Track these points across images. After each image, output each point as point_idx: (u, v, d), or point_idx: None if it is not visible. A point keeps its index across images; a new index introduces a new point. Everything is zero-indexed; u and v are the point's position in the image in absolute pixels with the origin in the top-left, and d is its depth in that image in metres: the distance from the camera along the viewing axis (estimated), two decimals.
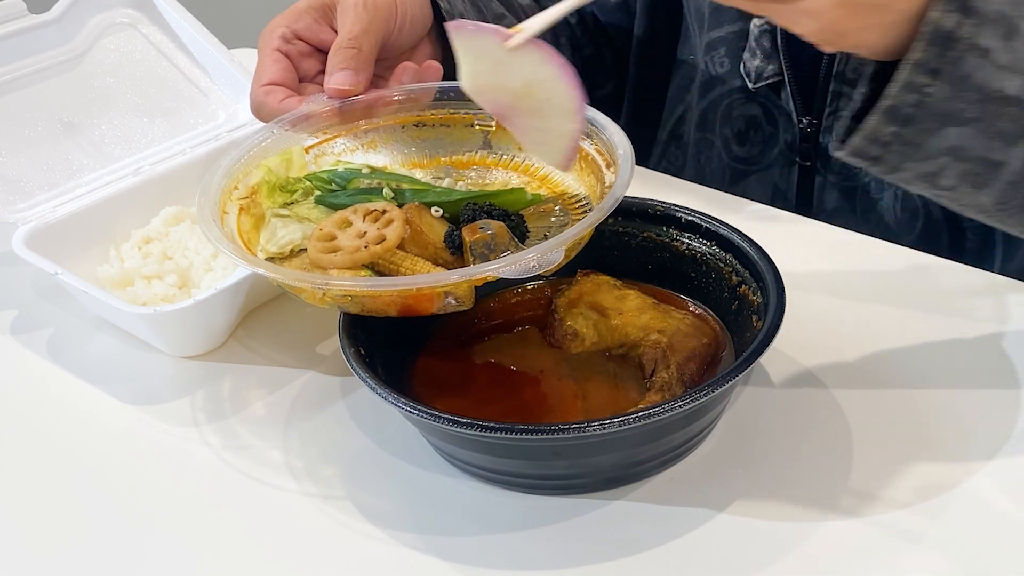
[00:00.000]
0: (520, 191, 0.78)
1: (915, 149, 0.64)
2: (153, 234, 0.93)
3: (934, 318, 0.82)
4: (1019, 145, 0.63)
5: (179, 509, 0.73)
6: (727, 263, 0.78)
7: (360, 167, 0.82)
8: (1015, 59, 0.62)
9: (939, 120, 0.63)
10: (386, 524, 0.70)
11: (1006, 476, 0.69)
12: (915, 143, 0.64)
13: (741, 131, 1.06)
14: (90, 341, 0.90)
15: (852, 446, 0.72)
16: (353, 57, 0.85)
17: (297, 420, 0.79)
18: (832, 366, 0.78)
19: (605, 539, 0.68)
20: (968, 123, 0.62)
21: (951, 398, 0.75)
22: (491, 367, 0.79)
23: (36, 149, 0.97)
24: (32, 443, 0.80)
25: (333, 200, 0.78)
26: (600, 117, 0.78)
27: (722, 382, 0.65)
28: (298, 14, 0.89)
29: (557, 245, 0.67)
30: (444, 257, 0.74)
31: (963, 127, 0.63)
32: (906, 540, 0.66)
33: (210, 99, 1.05)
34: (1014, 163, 0.63)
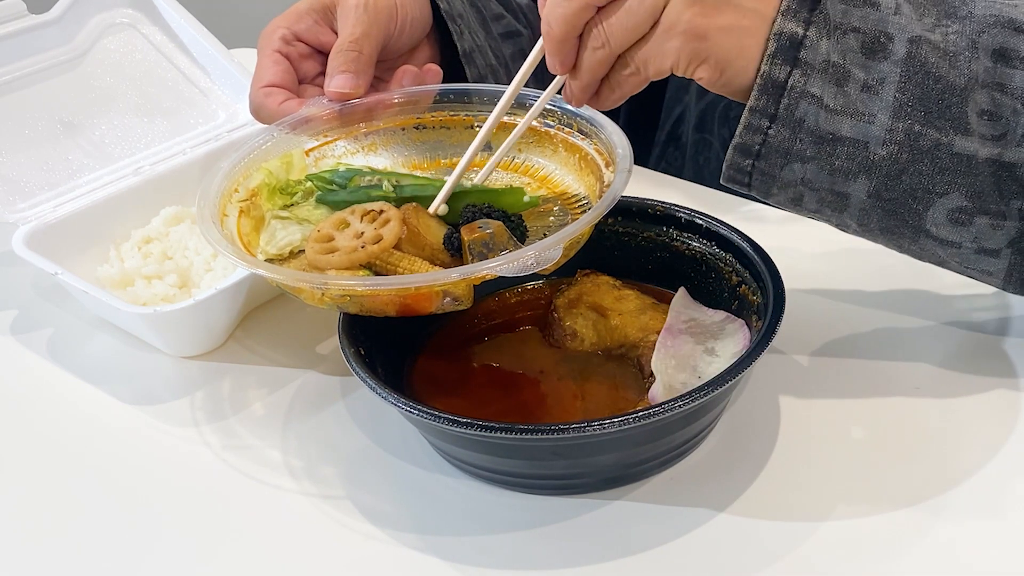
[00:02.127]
0: (519, 191, 0.78)
1: (772, 179, 0.69)
2: (153, 234, 0.93)
3: (934, 318, 0.82)
4: (858, 179, 0.68)
5: (179, 509, 0.73)
6: (727, 263, 0.78)
7: (360, 168, 0.82)
8: (847, 103, 0.67)
9: (784, 157, 0.68)
10: (386, 524, 0.70)
11: (1006, 476, 0.69)
12: (770, 174, 0.69)
13: None
14: (90, 341, 0.90)
15: (852, 446, 0.72)
16: (354, 60, 0.85)
17: (297, 420, 0.79)
18: (832, 366, 0.78)
19: (605, 539, 0.67)
20: (809, 160, 0.68)
21: (951, 398, 0.75)
22: (491, 367, 0.79)
23: (36, 149, 0.97)
24: (32, 443, 0.80)
25: (334, 199, 0.78)
26: (599, 117, 0.78)
27: (722, 382, 0.65)
28: (298, 15, 0.89)
29: (555, 243, 0.67)
30: (442, 257, 0.74)
31: (806, 163, 0.68)
32: (906, 540, 0.66)
33: (210, 99, 1.05)
34: (858, 195, 0.69)
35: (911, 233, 0.70)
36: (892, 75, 0.66)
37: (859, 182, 0.68)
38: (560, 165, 0.82)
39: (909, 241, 0.71)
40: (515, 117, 0.83)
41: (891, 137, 0.67)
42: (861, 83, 0.67)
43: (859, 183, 0.68)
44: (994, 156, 0.67)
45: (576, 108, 0.76)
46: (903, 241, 0.71)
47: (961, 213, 0.68)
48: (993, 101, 0.67)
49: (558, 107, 0.81)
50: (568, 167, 0.82)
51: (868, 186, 0.68)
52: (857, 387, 0.77)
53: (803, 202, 0.70)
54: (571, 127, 0.81)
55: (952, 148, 0.67)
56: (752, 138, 0.68)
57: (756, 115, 0.67)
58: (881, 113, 0.67)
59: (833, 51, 0.66)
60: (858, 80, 0.67)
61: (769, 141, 0.68)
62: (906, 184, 0.68)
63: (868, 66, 0.67)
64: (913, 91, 0.66)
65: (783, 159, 0.68)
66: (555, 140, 0.82)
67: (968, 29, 0.67)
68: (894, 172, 0.68)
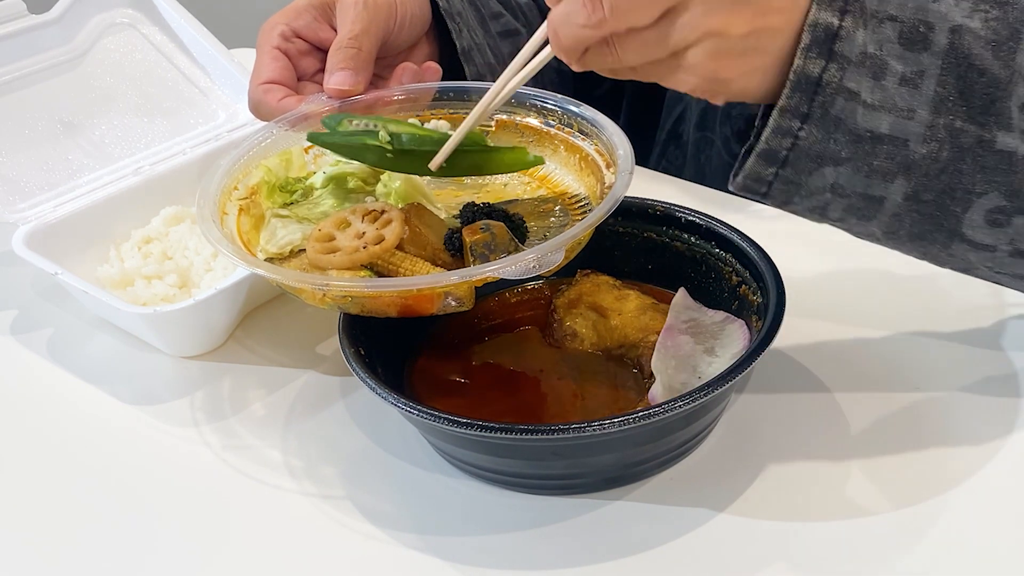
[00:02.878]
0: (522, 150, 0.77)
1: (796, 187, 0.65)
2: (153, 234, 0.93)
3: (933, 318, 0.82)
4: (897, 180, 0.64)
5: (179, 509, 0.73)
6: (727, 263, 0.78)
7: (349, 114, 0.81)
8: (885, 98, 0.62)
9: (814, 161, 0.64)
10: (386, 524, 0.70)
11: (1006, 476, 0.69)
12: (795, 182, 0.65)
13: (741, 130, 1.06)
14: (90, 341, 0.90)
15: (852, 446, 0.72)
16: (353, 57, 0.85)
17: (297, 420, 0.79)
18: (832, 366, 0.78)
19: (605, 539, 0.67)
20: (844, 163, 0.63)
21: (951, 398, 0.75)
22: (491, 367, 0.79)
23: (36, 149, 0.97)
24: (32, 443, 0.80)
25: (326, 139, 0.77)
26: (600, 117, 0.78)
27: (722, 382, 0.65)
28: (297, 12, 0.89)
29: (557, 246, 0.67)
30: (443, 258, 0.74)
31: (839, 166, 0.64)
32: (906, 540, 0.66)
33: (210, 99, 1.05)
34: (894, 197, 0.64)
35: (944, 238, 0.66)
36: (932, 67, 0.62)
37: (897, 184, 0.64)
38: (560, 165, 0.82)
39: (940, 247, 0.67)
40: (513, 115, 0.84)
41: (932, 134, 0.63)
42: (899, 76, 0.62)
43: (896, 185, 0.64)
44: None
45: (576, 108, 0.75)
46: (932, 248, 0.67)
47: (1000, 214, 0.64)
48: None
49: (559, 107, 0.81)
50: (568, 167, 0.82)
51: (906, 188, 0.64)
52: (857, 387, 0.77)
53: (827, 211, 0.66)
54: (571, 127, 0.81)
55: (994, 145, 0.63)
56: (780, 142, 0.63)
57: (786, 116, 0.63)
58: (921, 108, 0.62)
59: (870, 42, 0.62)
60: (896, 73, 0.62)
61: (799, 144, 0.63)
62: (945, 184, 0.64)
63: (907, 57, 0.62)
64: (954, 84, 0.62)
65: (814, 163, 0.64)
66: (555, 140, 0.82)
67: (1010, 16, 0.63)
68: (933, 171, 0.63)
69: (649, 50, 0.62)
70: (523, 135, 0.83)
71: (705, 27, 0.60)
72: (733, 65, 0.62)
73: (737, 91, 0.64)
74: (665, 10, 0.60)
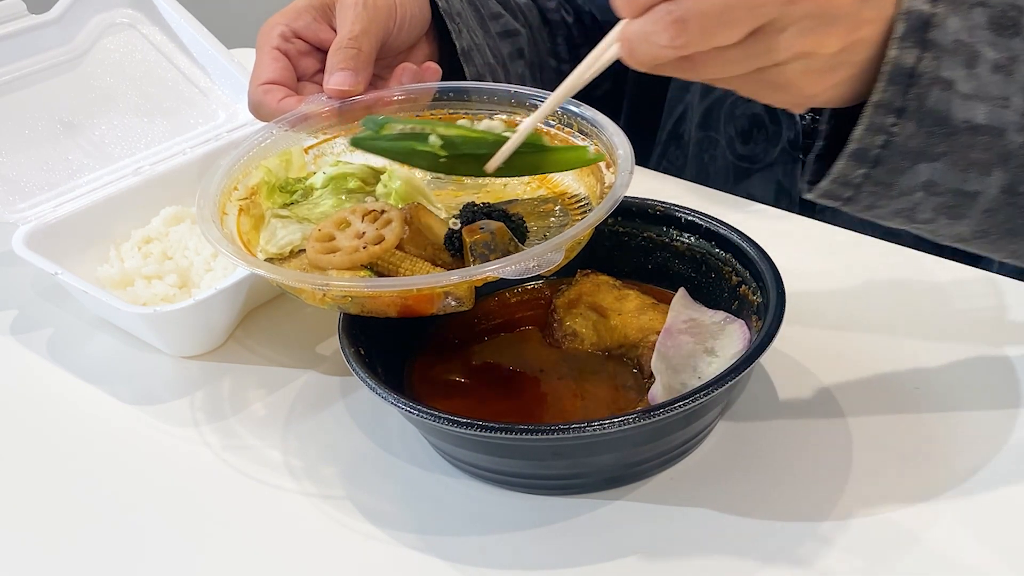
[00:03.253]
0: (581, 148, 0.75)
1: (887, 188, 0.63)
2: (153, 234, 0.93)
3: (934, 318, 0.82)
4: (994, 173, 0.62)
5: (179, 509, 0.73)
6: (727, 263, 0.78)
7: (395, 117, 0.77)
8: (979, 86, 0.60)
9: (909, 158, 0.61)
10: (386, 524, 0.70)
11: (1006, 476, 0.69)
12: (886, 182, 0.63)
13: (744, 129, 1.06)
14: (90, 341, 0.90)
15: (852, 446, 0.72)
16: (353, 57, 0.85)
17: (297, 420, 0.79)
18: (832, 366, 0.78)
19: (605, 539, 0.67)
20: (939, 158, 0.61)
21: (951, 398, 0.75)
22: (491, 367, 0.79)
23: (36, 149, 0.97)
24: (31, 443, 0.80)
25: (372, 143, 0.74)
26: (600, 117, 0.78)
27: (722, 382, 0.65)
28: (297, 12, 0.89)
29: (557, 246, 0.67)
30: (443, 258, 0.74)
31: (934, 162, 0.61)
32: (906, 540, 0.66)
33: (210, 99, 1.05)
34: (990, 191, 0.63)
35: None
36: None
37: (993, 176, 0.61)
38: None
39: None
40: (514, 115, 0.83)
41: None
42: (992, 63, 0.60)
43: (993, 178, 0.61)
44: None
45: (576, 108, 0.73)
46: None
47: None
48: None
49: (559, 107, 0.81)
50: None
51: (1003, 180, 0.61)
52: (857, 387, 0.77)
53: (915, 213, 0.64)
54: (571, 127, 0.81)
55: None
56: (872, 140, 0.60)
57: (880, 111, 0.60)
58: (1016, 96, 0.60)
59: (962, 29, 0.60)
60: (988, 60, 0.60)
61: (893, 141, 0.60)
62: None
63: (998, 43, 0.60)
64: None
65: (908, 161, 0.61)
66: (555, 140, 0.82)
67: None
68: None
69: (732, 67, 0.59)
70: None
71: (797, 48, 0.58)
72: (821, 81, 0.60)
73: (820, 103, 0.62)
74: (753, 29, 0.57)
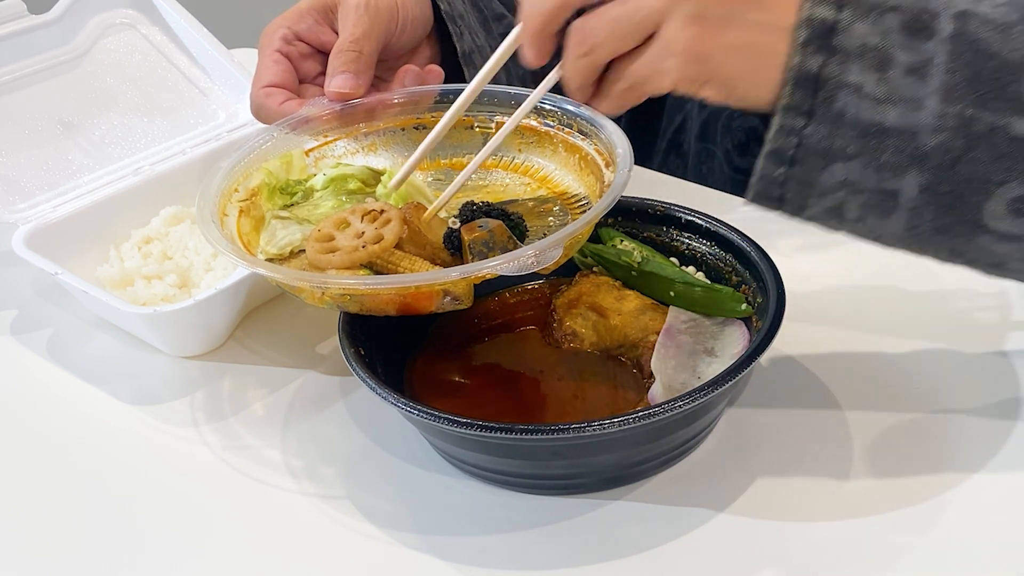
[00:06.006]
0: (738, 297, 0.77)
1: (809, 187, 0.64)
2: (153, 234, 0.93)
3: (934, 318, 0.82)
4: (909, 173, 0.62)
5: (178, 509, 0.73)
6: (727, 263, 0.78)
7: None
8: (891, 90, 0.61)
9: (823, 158, 0.62)
10: (386, 524, 0.70)
11: (1006, 476, 0.69)
12: (807, 181, 0.63)
13: (742, 142, 1.06)
14: (90, 341, 0.90)
15: (852, 446, 0.72)
16: (354, 60, 0.85)
17: (296, 420, 0.79)
18: (832, 366, 0.78)
19: (605, 539, 0.67)
20: (853, 158, 0.62)
21: (951, 398, 0.75)
22: (491, 367, 0.79)
23: (36, 149, 0.97)
24: (31, 443, 0.80)
25: None
26: (599, 117, 0.78)
27: (722, 382, 0.65)
28: (299, 15, 0.89)
29: (556, 242, 0.67)
30: (443, 257, 0.74)
31: (848, 162, 0.62)
32: (906, 540, 0.66)
33: (210, 99, 1.05)
34: (909, 190, 0.63)
35: (967, 230, 0.64)
36: (939, 55, 0.61)
37: (910, 176, 0.62)
38: (560, 165, 0.82)
39: (964, 240, 0.65)
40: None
41: (942, 124, 0.61)
42: (905, 66, 0.61)
43: (910, 177, 0.63)
44: None
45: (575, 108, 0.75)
46: (957, 241, 0.65)
47: (1022, 203, 0.62)
48: None
49: (558, 107, 0.81)
50: (568, 167, 0.82)
51: (920, 180, 0.62)
52: (857, 387, 0.77)
53: (844, 210, 0.65)
54: (571, 127, 0.81)
55: (1009, 131, 0.61)
56: (786, 141, 0.62)
57: (789, 114, 0.62)
58: (930, 98, 0.61)
59: (871, 34, 0.61)
60: (901, 63, 0.61)
61: (805, 142, 0.62)
62: (961, 174, 0.62)
63: (912, 47, 0.61)
64: (964, 71, 0.61)
65: (822, 160, 0.63)
66: (555, 140, 0.82)
67: None
68: (947, 162, 0.62)
69: (621, 28, 0.61)
70: (523, 135, 0.83)
71: None
72: (711, 37, 0.61)
73: (728, 80, 0.62)
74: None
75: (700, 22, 0.60)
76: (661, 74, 0.63)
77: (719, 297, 0.77)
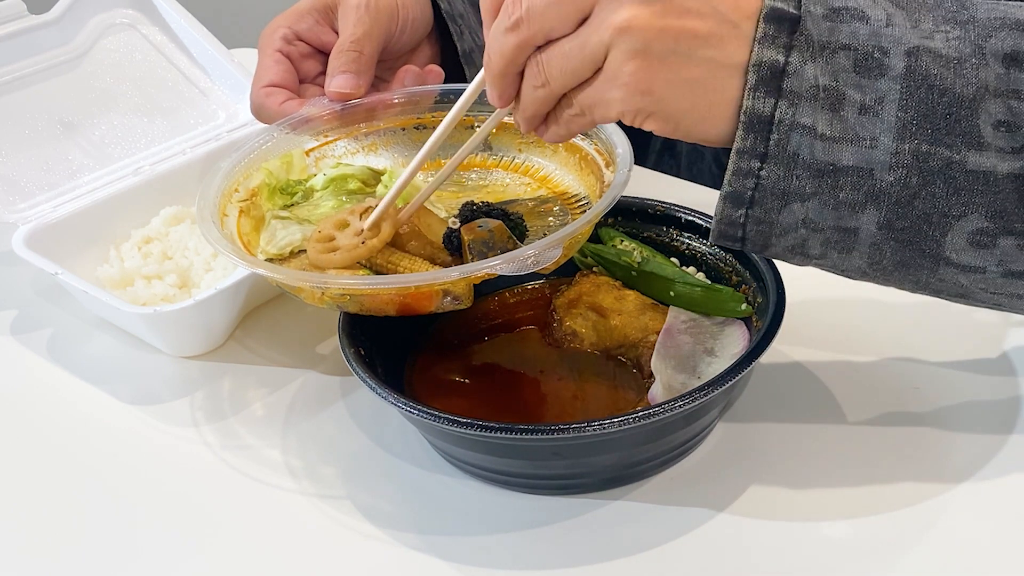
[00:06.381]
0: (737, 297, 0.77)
1: (770, 226, 0.63)
2: (153, 234, 0.93)
3: (934, 318, 0.82)
4: (867, 210, 0.62)
5: (178, 509, 0.73)
6: (727, 263, 0.78)
7: None
8: (845, 128, 0.61)
9: (780, 199, 0.62)
10: (386, 524, 0.70)
11: (1006, 476, 0.69)
12: (767, 221, 0.63)
13: None
14: (90, 341, 0.90)
15: (852, 446, 0.72)
16: (354, 60, 0.85)
17: (296, 420, 0.79)
18: (832, 366, 0.78)
19: (605, 539, 0.67)
20: (810, 198, 0.62)
21: (951, 398, 0.75)
22: (491, 367, 0.79)
23: (36, 149, 0.97)
24: (31, 443, 0.80)
25: None
26: None
27: (722, 382, 0.65)
28: (300, 15, 0.89)
29: (555, 242, 0.67)
30: (443, 257, 0.74)
31: (806, 201, 0.62)
32: (906, 540, 0.66)
33: (210, 99, 1.05)
34: (868, 227, 0.63)
35: (929, 263, 0.64)
36: (892, 92, 0.61)
37: (867, 214, 0.62)
38: (560, 165, 0.82)
39: (927, 273, 0.65)
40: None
41: (897, 160, 0.61)
42: (858, 105, 0.61)
43: (868, 215, 0.62)
44: (1016, 170, 0.61)
45: None
46: (921, 274, 0.65)
47: (983, 235, 0.62)
48: (1009, 110, 0.61)
49: None
50: (568, 167, 0.82)
51: (878, 217, 0.62)
52: (857, 387, 0.77)
53: (806, 248, 0.64)
54: None
55: (966, 165, 0.61)
56: (743, 183, 0.62)
57: (744, 157, 0.61)
58: (884, 135, 0.61)
59: (822, 74, 0.61)
60: (855, 102, 0.61)
61: (762, 184, 0.62)
62: (919, 210, 0.62)
63: (864, 85, 0.61)
64: (917, 107, 0.61)
65: (780, 201, 0.62)
66: None
67: (972, 34, 0.62)
68: (904, 198, 0.62)
69: (572, 62, 0.61)
70: (523, 136, 0.83)
71: (612, 22, 0.59)
72: (655, 71, 0.60)
73: (673, 114, 0.62)
74: (581, 15, 0.60)
75: (643, 56, 0.60)
76: (607, 104, 0.62)
77: (719, 297, 0.77)
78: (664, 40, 0.60)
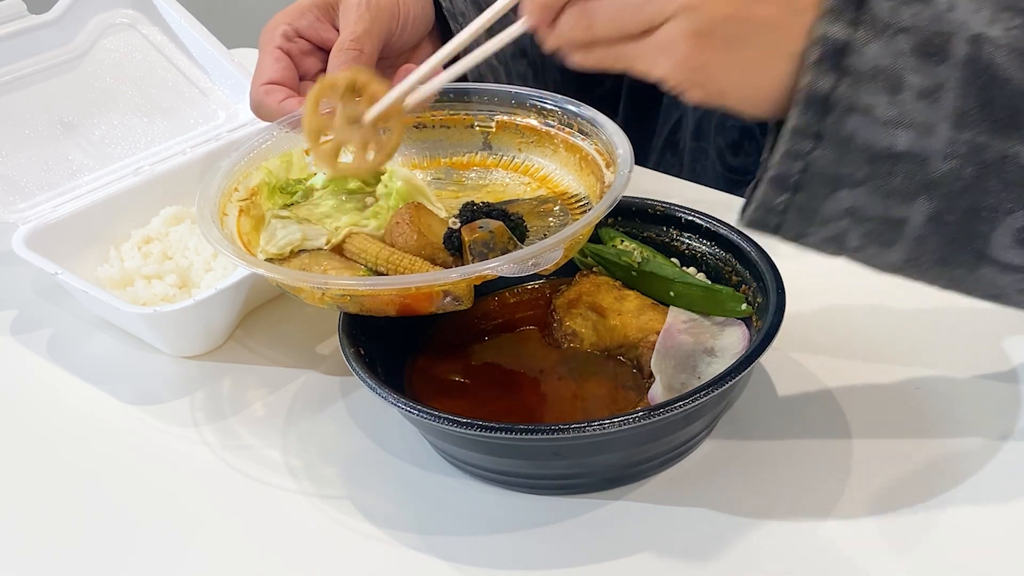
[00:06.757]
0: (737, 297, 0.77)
1: (811, 214, 0.62)
2: (153, 234, 0.93)
3: (933, 318, 0.82)
4: (918, 200, 0.60)
5: (178, 509, 0.73)
6: (727, 263, 0.78)
7: None
8: (902, 113, 0.59)
9: (829, 184, 0.60)
10: (386, 524, 0.70)
11: (1006, 476, 0.69)
12: (810, 208, 0.61)
13: (735, 141, 1.06)
14: (90, 341, 0.90)
15: (852, 446, 0.72)
16: (355, 58, 0.85)
17: (297, 420, 0.79)
18: (832, 366, 0.78)
19: (605, 539, 0.67)
20: (860, 184, 0.60)
21: (951, 398, 0.75)
22: (491, 367, 0.79)
23: (36, 149, 0.97)
24: (31, 443, 0.80)
25: None
26: (599, 117, 0.78)
27: (722, 382, 0.65)
28: (300, 12, 0.89)
29: (556, 243, 0.67)
30: (443, 257, 0.74)
31: (855, 188, 0.60)
32: (906, 540, 0.66)
33: (210, 99, 1.05)
34: (916, 218, 0.61)
35: (971, 260, 0.62)
36: (951, 79, 0.58)
37: (918, 204, 0.60)
38: (560, 165, 0.82)
39: (966, 271, 0.63)
40: (513, 116, 0.84)
41: (953, 150, 0.59)
42: (917, 90, 0.58)
43: (918, 205, 0.60)
44: None
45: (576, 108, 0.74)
46: (958, 271, 0.64)
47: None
48: None
49: (558, 107, 0.81)
50: (568, 167, 0.82)
51: (928, 208, 0.60)
52: (857, 387, 0.77)
53: (845, 239, 0.62)
54: (571, 127, 0.81)
55: (1021, 160, 0.59)
56: (791, 166, 0.60)
57: (797, 137, 0.59)
58: (941, 123, 0.59)
59: (883, 55, 0.58)
60: (913, 86, 0.58)
61: (811, 167, 0.59)
62: (969, 203, 0.60)
63: (923, 70, 0.58)
64: (976, 97, 0.59)
65: (828, 187, 0.60)
66: (555, 140, 0.82)
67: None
68: (956, 190, 0.60)
69: (623, 18, 0.59)
70: (523, 135, 0.83)
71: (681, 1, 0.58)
72: (712, 52, 0.59)
73: (720, 90, 0.61)
74: None
75: (703, 36, 0.58)
76: (650, 65, 0.60)
77: (719, 297, 0.77)
78: (728, 25, 0.59)
